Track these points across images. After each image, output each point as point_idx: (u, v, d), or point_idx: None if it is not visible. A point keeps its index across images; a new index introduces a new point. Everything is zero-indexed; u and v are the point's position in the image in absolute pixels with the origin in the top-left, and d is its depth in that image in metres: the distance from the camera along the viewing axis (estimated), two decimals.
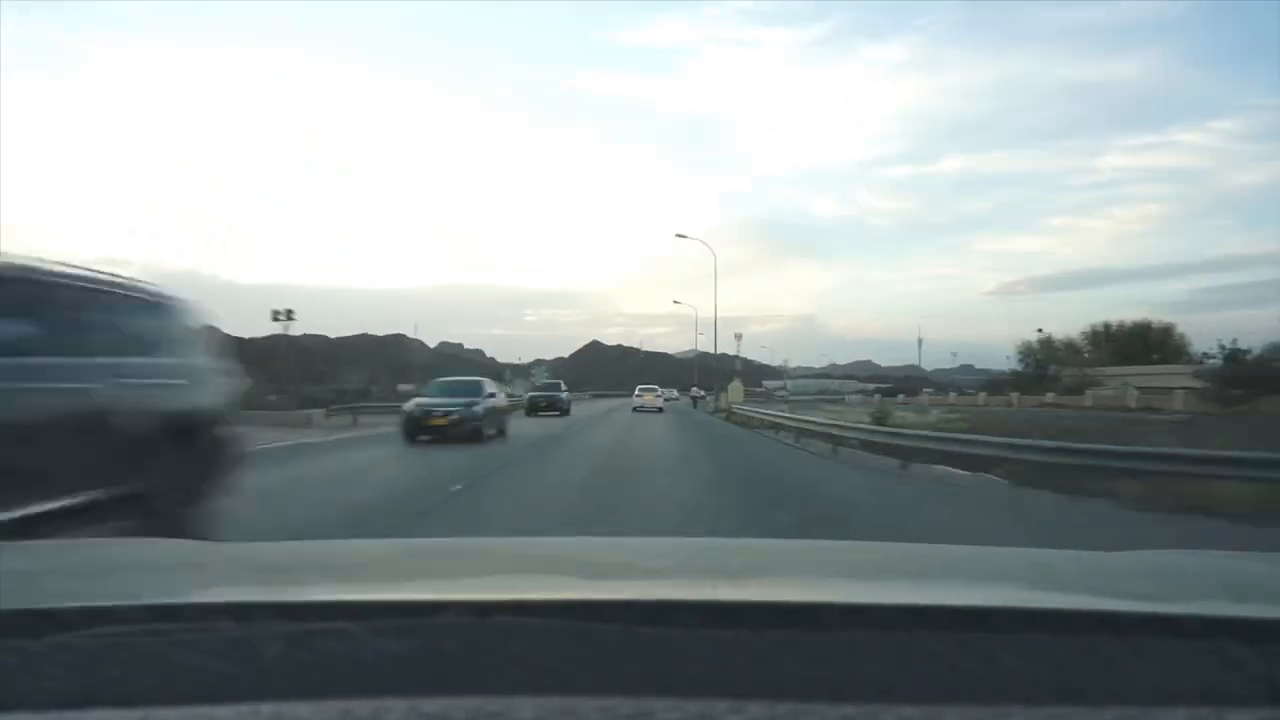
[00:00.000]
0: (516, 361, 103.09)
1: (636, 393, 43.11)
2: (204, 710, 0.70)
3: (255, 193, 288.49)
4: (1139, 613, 0.94)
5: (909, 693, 0.72)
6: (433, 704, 0.68)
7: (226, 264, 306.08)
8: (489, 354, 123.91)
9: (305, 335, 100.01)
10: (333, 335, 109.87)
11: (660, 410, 40.04)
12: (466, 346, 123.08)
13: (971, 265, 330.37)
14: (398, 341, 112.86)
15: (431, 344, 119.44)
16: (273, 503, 8.19)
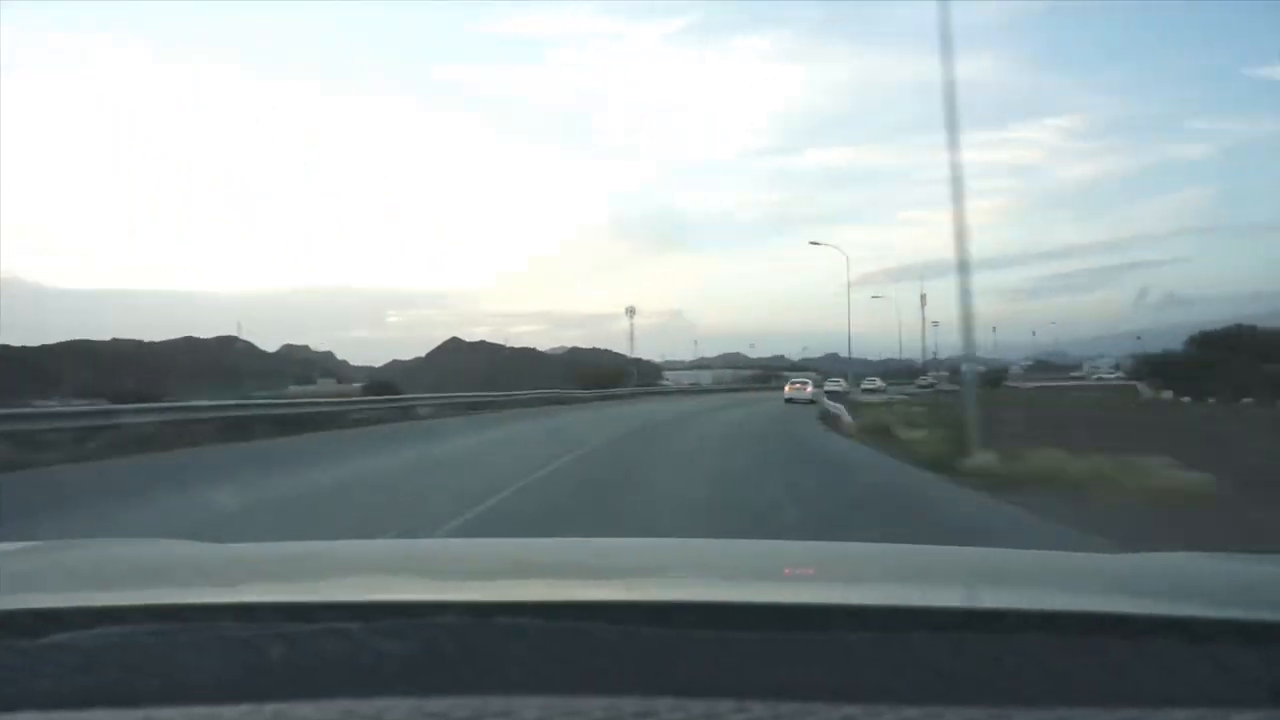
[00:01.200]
0: (369, 364, 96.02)
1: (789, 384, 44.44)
2: (205, 710, 0.69)
3: (84, 192, 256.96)
4: (1140, 615, 0.95)
5: (911, 694, 0.72)
6: (436, 704, 0.68)
7: (45, 268, 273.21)
8: (340, 356, 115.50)
9: (116, 340, 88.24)
10: (155, 339, 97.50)
11: (811, 402, 37.58)
12: (314, 349, 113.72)
13: (835, 256, 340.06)
14: (224, 345, 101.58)
15: (272, 348, 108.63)
16: None
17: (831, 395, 38.01)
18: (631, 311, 58.67)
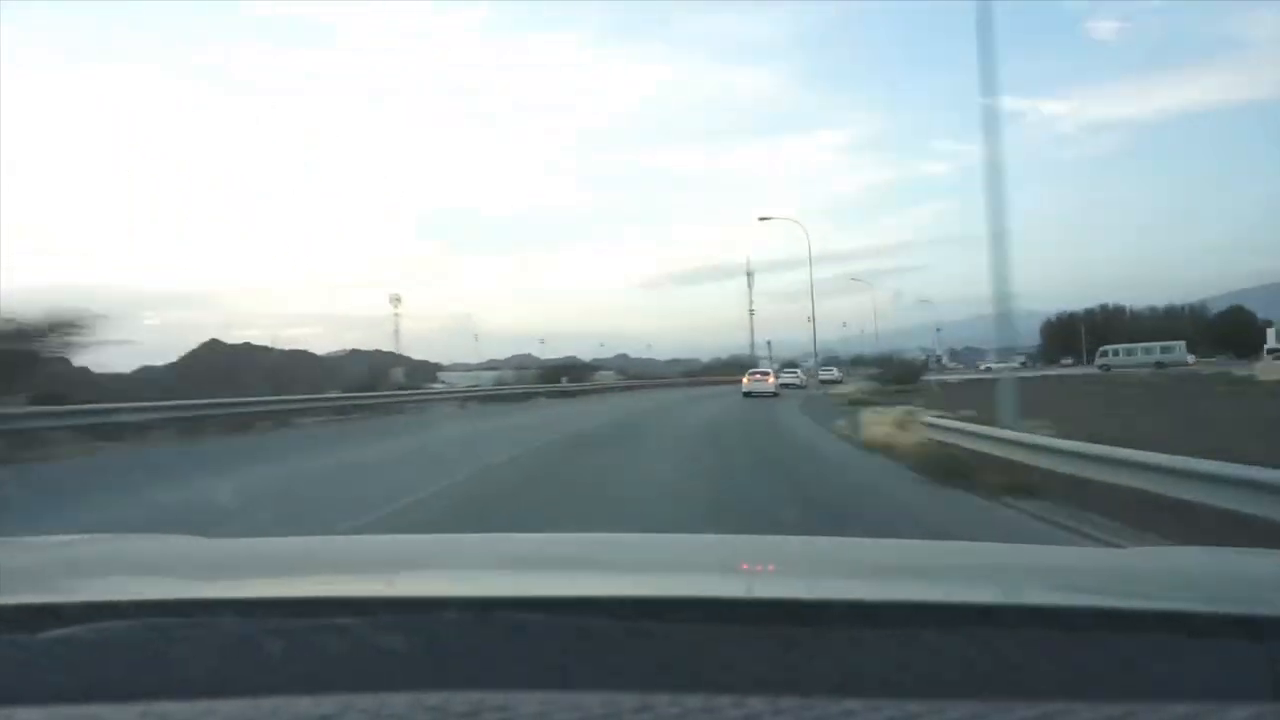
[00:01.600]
0: (118, 371, 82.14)
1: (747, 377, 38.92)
2: (204, 704, 0.69)
3: None
4: (1141, 609, 0.95)
5: (912, 688, 0.72)
6: (434, 698, 0.68)
7: None
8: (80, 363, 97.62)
9: None
10: None
11: (775, 394, 35.39)
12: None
13: (624, 259, 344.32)
14: None
15: None
16: None
17: (788, 388, 39.08)
18: (396, 300, 53.43)
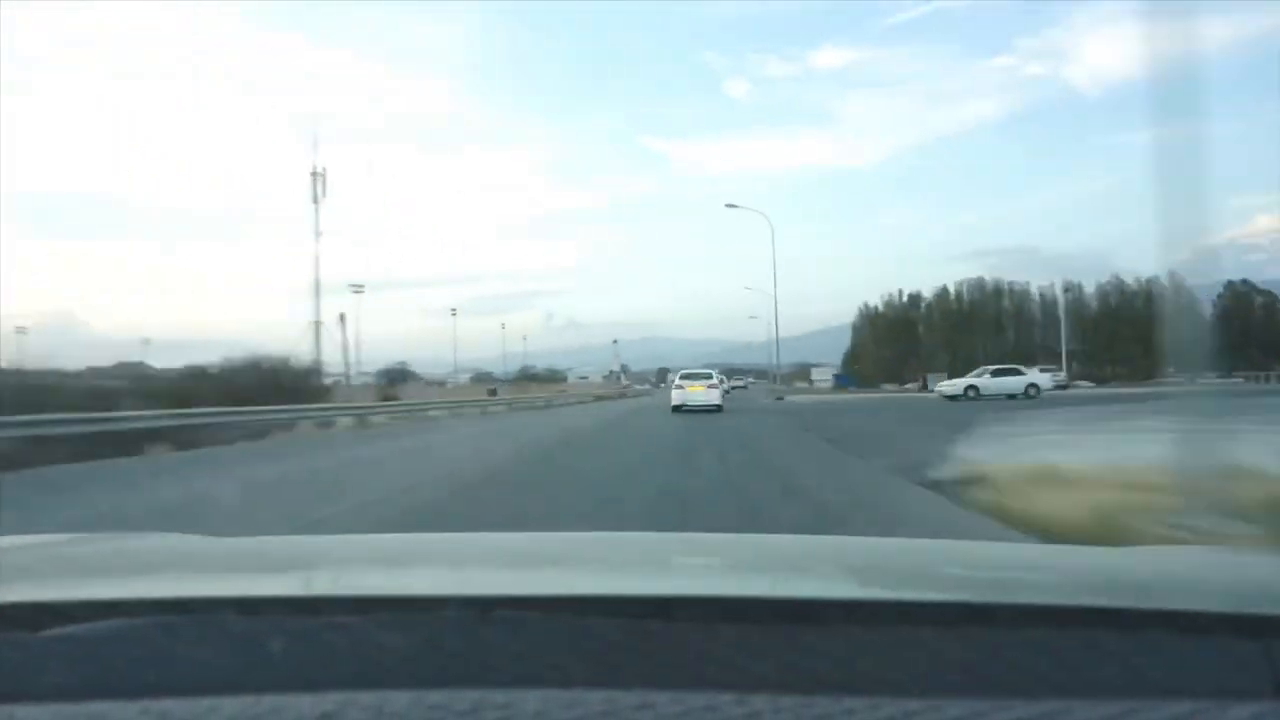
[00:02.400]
0: None
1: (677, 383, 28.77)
2: (205, 702, 0.69)
3: None
4: (1141, 608, 0.94)
5: (912, 687, 0.72)
6: (435, 696, 0.68)
7: None
8: None
9: None
10: None
11: (718, 408, 26.87)
12: None
13: (270, 265, 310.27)
14: None
15: None
16: None
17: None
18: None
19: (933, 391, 46.46)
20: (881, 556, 1.52)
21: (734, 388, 53.21)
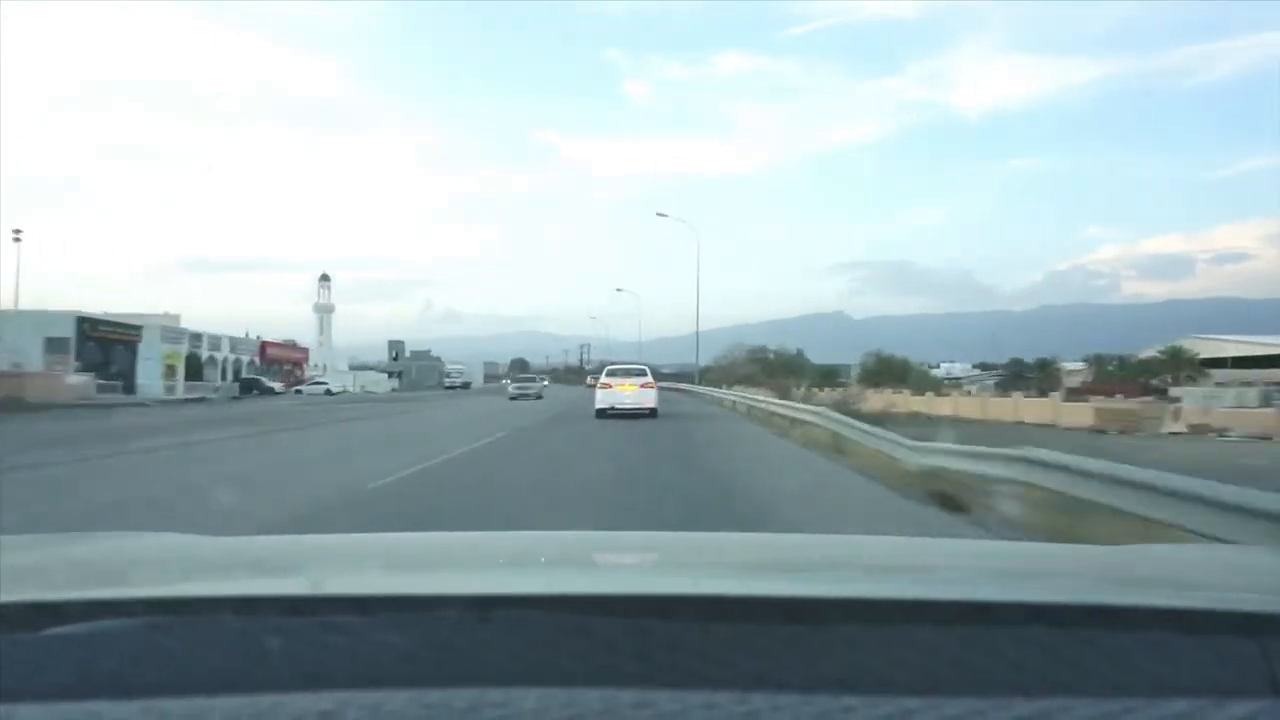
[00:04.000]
0: None
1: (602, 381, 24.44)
2: (204, 702, 0.69)
3: None
4: (1139, 605, 0.94)
5: (910, 684, 0.72)
6: (434, 695, 0.68)
7: None
8: None
9: None
10: None
11: (653, 412, 23.05)
12: None
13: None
14: None
15: None
16: None
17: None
18: None
19: None
20: (880, 555, 1.53)
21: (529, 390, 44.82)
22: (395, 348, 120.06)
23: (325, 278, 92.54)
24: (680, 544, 1.81)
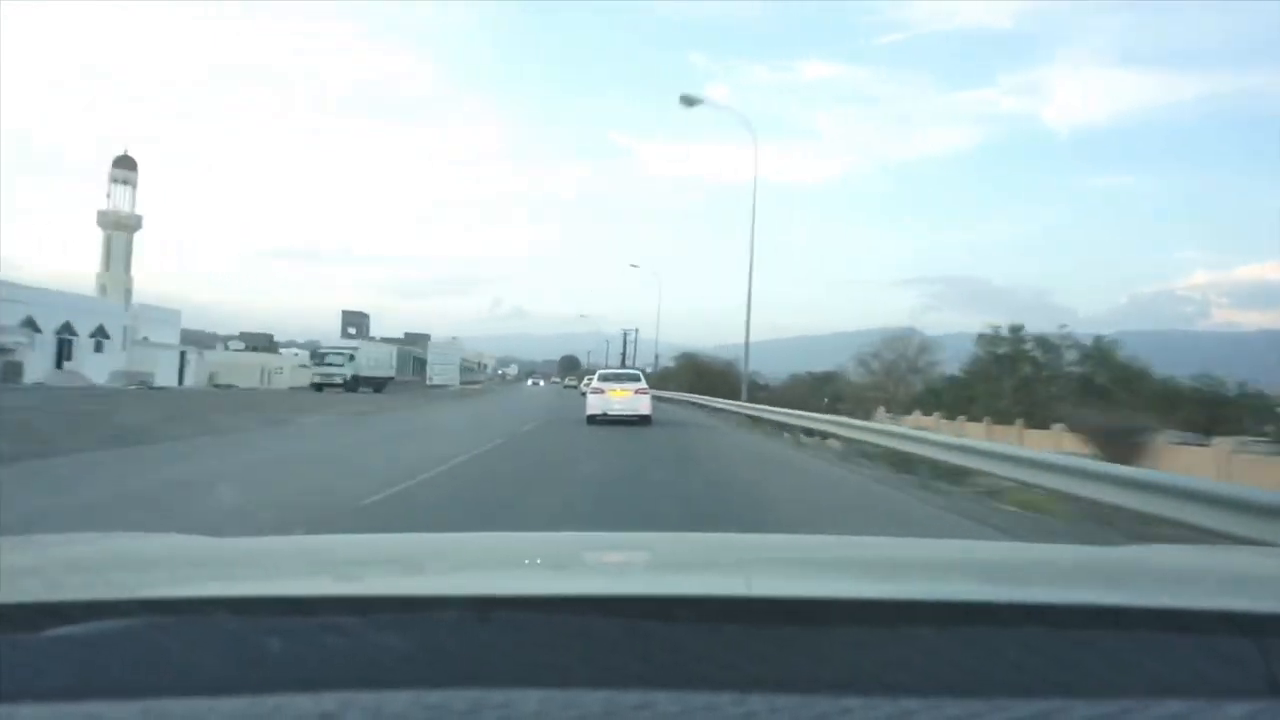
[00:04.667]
0: None
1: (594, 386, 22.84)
2: (205, 703, 0.69)
3: None
4: (1138, 606, 0.94)
5: (910, 685, 0.72)
6: (434, 696, 0.68)
7: None
8: None
9: None
10: None
11: (648, 419, 21.40)
12: None
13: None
14: None
15: None
16: None
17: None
18: None
19: None
20: (879, 556, 1.54)
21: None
22: (352, 321, 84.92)
23: (126, 161, 54.50)
24: (680, 545, 1.81)
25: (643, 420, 21.43)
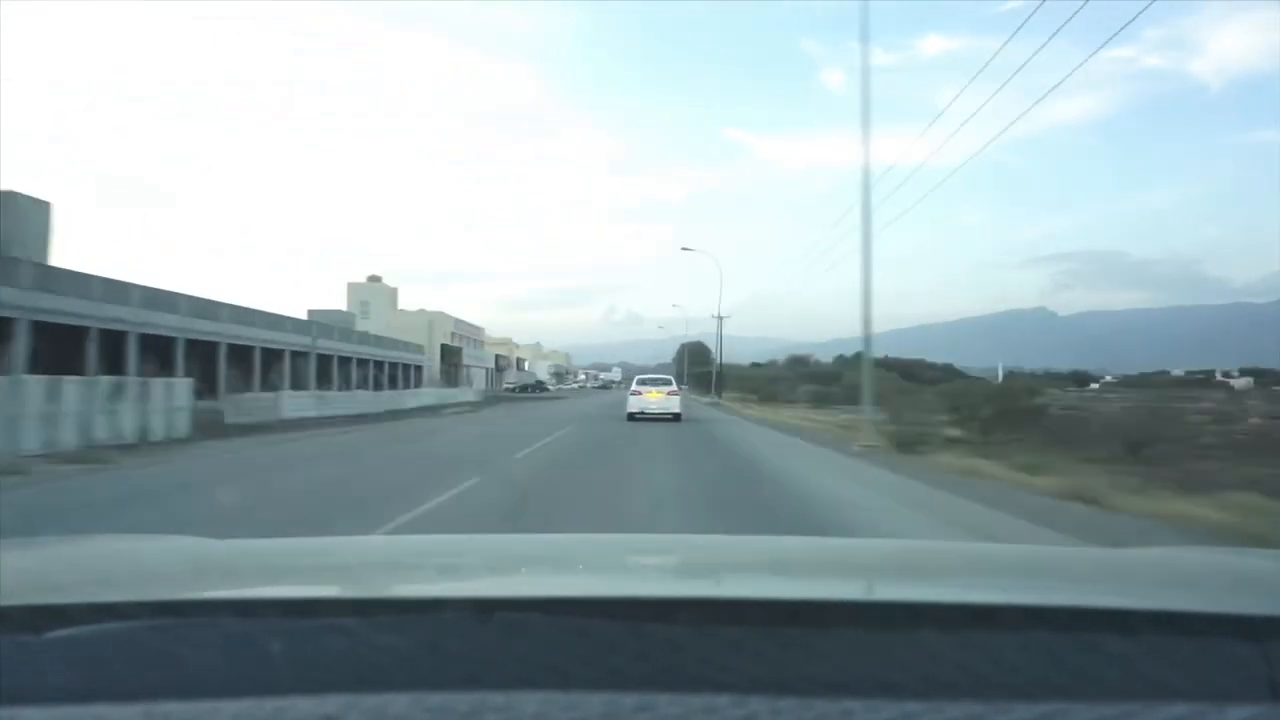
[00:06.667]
0: None
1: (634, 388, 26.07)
2: (207, 705, 0.70)
3: None
4: (1140, 609, 0.94)
5: (911, 688, 0.72)
6: (436, 698, 0.69)
7: None
8: None
9: None
10: None
11: (677, 417, 24.50)
12: None
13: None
14: None
15: None
16: None
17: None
18: None
19: None
20: (880, 558, 1.54)
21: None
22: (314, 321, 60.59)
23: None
24: (681, 546, 1.81)
25: (674, 418, 24.50)
